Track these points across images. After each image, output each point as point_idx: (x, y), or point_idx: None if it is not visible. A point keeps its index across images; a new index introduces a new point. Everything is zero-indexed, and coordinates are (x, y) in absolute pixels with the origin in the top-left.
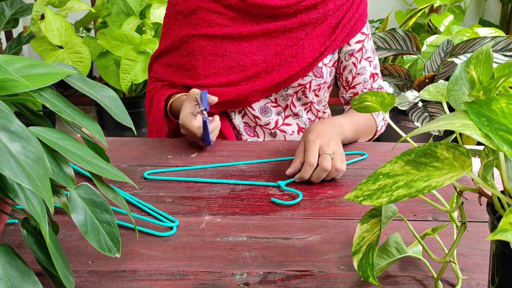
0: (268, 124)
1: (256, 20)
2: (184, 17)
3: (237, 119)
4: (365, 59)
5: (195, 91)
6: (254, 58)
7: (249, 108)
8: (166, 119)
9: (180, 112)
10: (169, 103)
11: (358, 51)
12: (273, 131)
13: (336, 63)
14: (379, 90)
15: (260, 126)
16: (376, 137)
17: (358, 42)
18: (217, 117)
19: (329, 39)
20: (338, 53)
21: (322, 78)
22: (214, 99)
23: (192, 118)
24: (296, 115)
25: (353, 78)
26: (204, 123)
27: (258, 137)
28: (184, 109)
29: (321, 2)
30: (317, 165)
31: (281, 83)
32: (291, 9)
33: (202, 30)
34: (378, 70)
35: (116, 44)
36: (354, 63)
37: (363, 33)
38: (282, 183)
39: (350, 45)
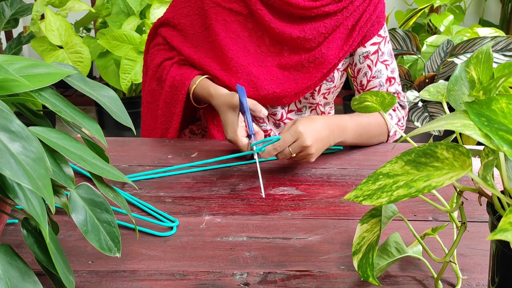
0: (275, 114)
1: (277, 15)
2: None
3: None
4: (381, 62)
5: (237, 100)
6: (270, 51)
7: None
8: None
9: (226, 124)
10: (192, 90)
11: (374, 53)
12: (278, 122)
13: (348, 67)
14: (394, 94)
15: (268, 114)
16: (389, 141)
17: (373, 44)
18: (261, 133)
19: (347, 44)
20: (352, 55)
21: (333, 82)
22: (265, 112)
23: (244, 140)
24: (299, 110)
25: (368, 81)
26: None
27: (264, 122)
28: (231, 124)
29: (340, 11)
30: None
31: (299, 93)
32: (312, 13)
33: (230, 4)
34: (395, 75)
35: (116, 44)
36: (369, 66)
37: (379, 36)
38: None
39: (365, 47)
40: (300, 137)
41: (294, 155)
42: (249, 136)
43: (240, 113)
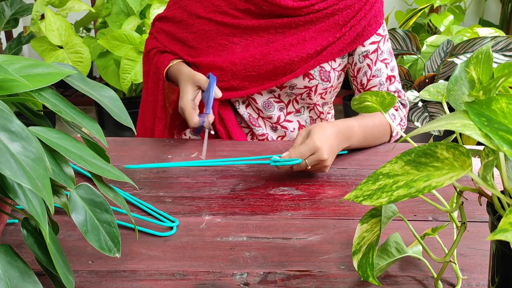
0: (271, 118)
1: (267, 16)
2: None
3: (242, 109)
4: (381, 61)
5: (201, 78)
6: (253, 53)
7: (252, 100)
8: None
9: (181, 95)
10: (166, 68)
11: (373, 52)
12: (275, 125)
13: (346, 67)
14: (395, 93)
15: (263, 118)
16: (391, 141)
17: (372, 43)
18: (212, 116)
19: (333, 36)
20: (352, 55)
21: (329, 82)
22: (218, 94)
23: (194, 111)
24: (298, 111)
25: (368, 80)
26: (203, 132)
27: (260, 127)
28: (185, 93)
29: (331, 6)
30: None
31: (277, 72)
32: (302, 12)
33: (210, 14)
34: (395, 73)
35: (116, 44)
36: (368, 65)
37: (378, 34)
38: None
39: (364, 46)
40: (318, 151)
41: (310, 167)
42: (202, 116)
43: (202, 95)
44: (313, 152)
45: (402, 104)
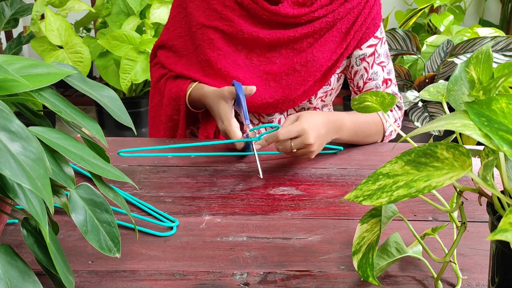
0: (272, 122)
1: (267, 25)
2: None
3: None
4: (378, 64)
5: (230, 90)
6: (260, 61)
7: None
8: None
9: (219, 118)
10: (188, 93)
11: (370, 55)
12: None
13: (345, 69)
14: None
15: (264, 123)
16: (384, 141)
17: (370, 46)
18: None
19: (340, 47)
20: (349, 58)
21: (330, 85)
22: (253, 88)
23: (238, 132)
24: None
25: (364, 83)
26: (248, 138)
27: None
28: (224, 114)
29: (331, 12)
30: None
31: (296, 99)
32: (302, 19)
33: (214, 22)
34: (392, 76)
35: (116, 44)
36: (365, 68)
37: (376, 37)
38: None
39: (361, 49)
40: (304, 134)
41: (295, 150)
42: (242, 130)
43: (233, 107)
44: (299, 134)
45: (397, 106)
